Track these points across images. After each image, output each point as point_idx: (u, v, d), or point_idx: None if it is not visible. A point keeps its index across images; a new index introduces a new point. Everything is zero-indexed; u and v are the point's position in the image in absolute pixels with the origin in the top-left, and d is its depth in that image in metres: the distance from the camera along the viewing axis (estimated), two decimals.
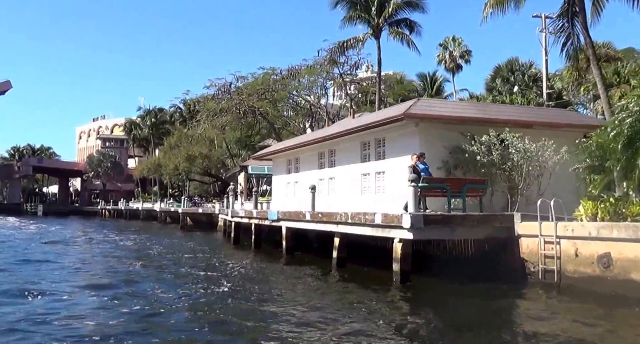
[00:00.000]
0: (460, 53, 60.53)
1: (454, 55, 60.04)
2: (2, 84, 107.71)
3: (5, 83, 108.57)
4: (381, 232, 16.48)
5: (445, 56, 60.07)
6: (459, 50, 60.55)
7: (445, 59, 60.06)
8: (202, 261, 22.89)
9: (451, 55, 59.90)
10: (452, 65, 59.98)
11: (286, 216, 23.35)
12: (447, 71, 61.28)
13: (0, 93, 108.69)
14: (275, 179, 35.16)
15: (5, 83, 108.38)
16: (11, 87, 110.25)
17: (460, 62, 60.80)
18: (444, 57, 60.25)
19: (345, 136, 24.32)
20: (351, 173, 24.88)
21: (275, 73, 48.91)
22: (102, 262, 22.98)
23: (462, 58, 60.76)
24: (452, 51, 60.06)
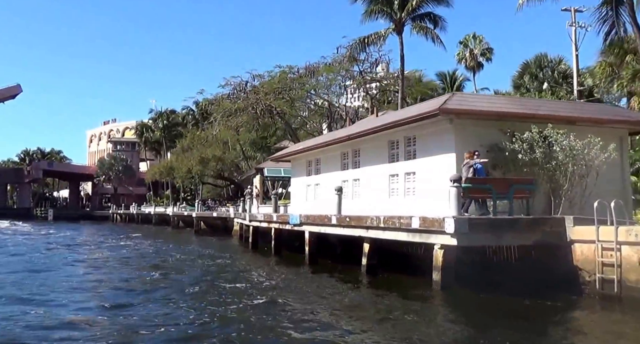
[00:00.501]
0: (481, 51, 59.32)
1: (474, 54, 58.80)
2: (13, 88, 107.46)
3: (16, 87, 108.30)
4: (419, 237, 15.08)
5: (465, 54, 58.81)
6: (480, 48, 59.27)
7: (465, 57, 58.77)
8: (224, 269, 21.43)
9: (472, 54, 58.65)
10: (473, 63, 58.76)
11: (309, 220, 21.95)
12: (467, 70, 60.07)
13: (11, 97, 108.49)
14: (294, 182, 33.78)
15: (15, 87, 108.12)
16: (21, 91, 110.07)
17: (481, 60, 59.59)
18: (464, 55, 58.99)
19: (371, 134, 22.90)
20: (377, 174, 23.47)
21: (293, 71, 47.44)
22: (118, 272, 21.24)
23: (483, 56, 59.61)
24: (472, 49, 58.80)
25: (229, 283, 17.00)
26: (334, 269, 20.10)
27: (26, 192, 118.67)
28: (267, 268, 21.71)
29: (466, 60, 59.16)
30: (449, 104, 18.14)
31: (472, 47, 59.52)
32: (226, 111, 48.08)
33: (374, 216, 17.05)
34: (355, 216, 18.58)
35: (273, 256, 25.87)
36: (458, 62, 59.71)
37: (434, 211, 17.52)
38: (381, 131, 22.04)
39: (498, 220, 14.50)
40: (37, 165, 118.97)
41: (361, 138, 24.12)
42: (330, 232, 20.45)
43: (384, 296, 15.03)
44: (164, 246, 34.03)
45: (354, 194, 25.81)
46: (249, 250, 30.03)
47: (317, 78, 46.44)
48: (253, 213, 31.19)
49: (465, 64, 59.49)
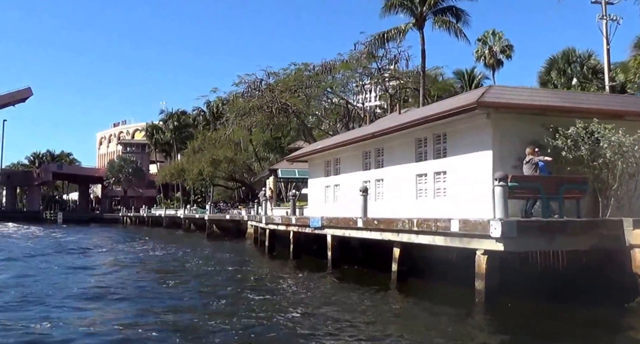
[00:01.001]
0: (501, 48, 57.48)
1: (494, 51, 57.18)
2: (23, 91, 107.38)
3: (26, 90, 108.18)
4: (458, 242, 13.70)
5: (484, 52, 57.17)
6: (500, 45, 57.44)
7: (484, 54, 57.21)
8: (247, 276, 20.06)
9: (491, 51, 57.04)
10: (492, 61, 57.02)
11: (332, 223, 20.60)
12: (486, 68, 58.29)
13: (22, 100, 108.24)
14: (312, 183, 32.44)
15: (26, 90, 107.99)
16: (32, 94, 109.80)
17: (501, 57, 57.93)
18: (483, 52, 57.37)
19: (397, 131, 21.50)
20: (403, 174, 22.10)
21: (308, 69, 45.98)
22: (136, 280, 19.30)
23: (502, 53, 57.60)
24: (492, 46, 57.13)
25: (256, 293, 15.40)
26: (360, 276, 18.80)
27: (36, 195, 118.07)
28: (289, 274, 20.39)
29: (485, 57, 57.46)
30: (487, 97, 16.76)
31: (492, 44, 57.68)
32: (240, 109, 46.58)
33: (406, 219, 15.69)
34: (385, 218, 17.22)
35: (292, 261, 24.56)
36: (477, 60, 57.93)
37: (469, 213, 16.18)
38: (409, 128, 20.66)
39: (550, 223, 13.06)
40: (47, 167, 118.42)
41: (385, 136, 22.77)
42: (355, 236, 19.08)
43: (422, 306, 13.70)
44: (178, 250, 32.65)
45: (377, 195, 24.47)
46: (265, 254, 28.75)
47: (333, 75, 44.97)
48: (270, 216, 29.85)
49: (484, 62, 57.73)
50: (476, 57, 57.46)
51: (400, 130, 21.12)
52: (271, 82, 45.95)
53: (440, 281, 15.93)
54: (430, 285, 16.12)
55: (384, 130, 22.26)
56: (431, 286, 16.07)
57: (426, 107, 23.88)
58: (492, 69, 57.68)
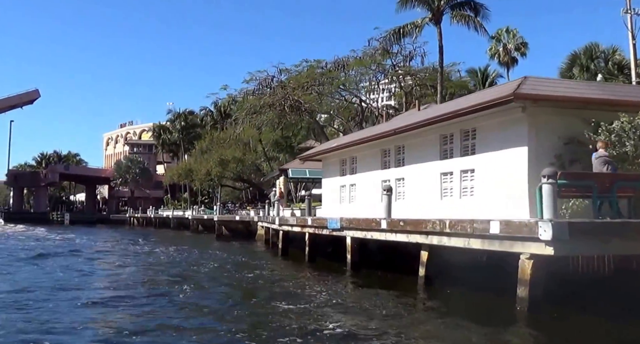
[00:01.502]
0: (515, 45, 56.25)
1: (508, 48, 56.02)
2: (31, 93, 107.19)
3: (34, 92, 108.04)
4: (498, 245, 12.43)
5: (498, 49, 56.01)
6: (514, 42, 56.25)
7: (498, 52, 56.03)
8: (267, 282, 18.45)
9: (505, 49, 55.88)
10: (507, 59, 55.88)
11: (353, 224, 19.32)
12: (500, 66, 57.05)
13: (29, 102, 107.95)
14: (326, 183, 31.26)
15: (33, 92, 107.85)
16: (39, 96, 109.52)
17: (515, 55, 56.71)
18: (497, 50, 56.21)
19: (421, 127, 20.29)
20: (426, 173, 20.91)
21: (321, 66, 44.62)
22: (149, 288, 17.00)
23: (517, 51, 56.42)
24: (506, 44, 56.00)
25: (281, 301, 13.80)
26: (383, 281, 17.53)
27: (43, 196, 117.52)
28: (309, 279, 18.93)
29: (499, 55, 56.40)
30: (524, 88, 15.51)
31: (506, 41, 56.71)
32: (251, 107, 45.26)
33: (437, 220, 14.44)
34: (412, 219, 15.97)
35: (307, 264, 23.28)
36: (490, 58, 56.75)
37: (500, 214, 15.10)
38: (435, 123, 19.44)
39: (605, 225, 11.75)
40: (54, 168, 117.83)
41: (408, 133, 21.56)
42: (378, 238, 17.80)
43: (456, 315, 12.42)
44: (190, 252, 31.31)
45: (398, 195, 23.25)
46: (278, 257, 27.45)
47: (347, 72, 43.66)
48: (284, 216, 28.66)
49: (499, 60, 56.67)
50: (490, 55, 56.32)
51: (425, 126, 19.91)
52: (283, 79, 44.57)
53: (469, 287, 14.71)
54: (460, 291, 14.88)
55: (407, 126, 21.04)
56: (461, 292, 14.83)
57: (452, 102, 22.60)
58: (507, 67, 56.56)
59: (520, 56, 56.57)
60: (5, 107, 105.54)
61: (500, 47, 55.48)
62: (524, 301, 11.83)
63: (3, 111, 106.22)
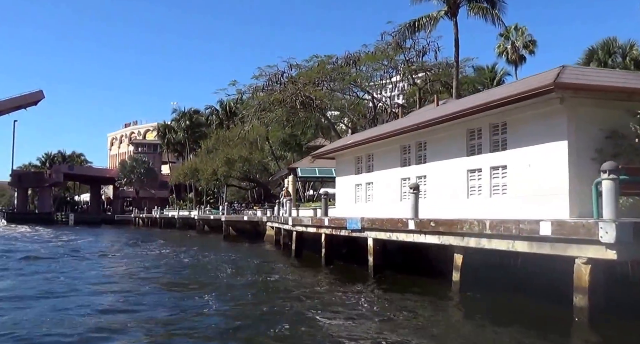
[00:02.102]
0: (523, 43, 55.12)
1: (516, 46, 54.97)
2: (35, 94, 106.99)
3: (38, 93, 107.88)
4: (549, 248, 11.22)
5: (506, 47, 54.98)
6: (523, 40, 55.09)
7: (506, 50, 54.98)
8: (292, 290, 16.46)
9: (513, 46, 54.81)
10: (515, 56, 54.84)
11: (375, 225, 18.08)
12: (508, 64, 56.00)
13: (33, 103, 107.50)
14: (340, 181, 30.04)
15: (37, 93, 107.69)
16: (43, 97, 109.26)
17: (523, 53, 55.56)
18: (505, 48, 55.17)
19: (446, 122, 19.08)
20: (451, 170, 19.69)
21: (332, 61, 43.23)
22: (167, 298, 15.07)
23: (525, 48, 55.32)
24: (514, 41, 54.91)
25: (319, 312, 12.61)
26: (410, 286, 16.25)
27: (47, 196, 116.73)
28: (333, 284, 17.52)
29: (507, 53, 55.39)
30: (564, 77, 14.27)
31: (514, 39, 55.66)
32: (261, 103, 43.88)
33: (475, 220, 13.22)
34: (445, 219, 14.74)
35: (325, 267, 22.03)
36: (498, 56, 55.77)
37: (537, 213, 13.86)
38: (461, 118, 18.24)
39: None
40: (58, 168, 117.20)
41: (430, 128, 20.35)
42: (404, 239, 16.55)
43: (505, 327, 11.19)
44: (199, 254, 29.87)
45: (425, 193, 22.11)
46: (292, 259, 26.23)
47: (359, 68, 42.32)
48: (298, 217, 27.46)
49: (507, 58, 55.65)
50: (498, 52, 55.36)
51: (451, 120, 18.68)
52: (293, 75, 43.21)
53: (511, 293, 13.48)
54: (502, 298, 13.62)
55: (432, 120, 19.79)
56: (505, 298, 13.56)
57: (481, 94, 21.32)
58: (515, 65, 55.58)
59: (529, 54, 55.59)
60: (9, 109, 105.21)
61: (509, 44, 54.59)
62: (583, 310, 10.64)
63: (7, 112, 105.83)
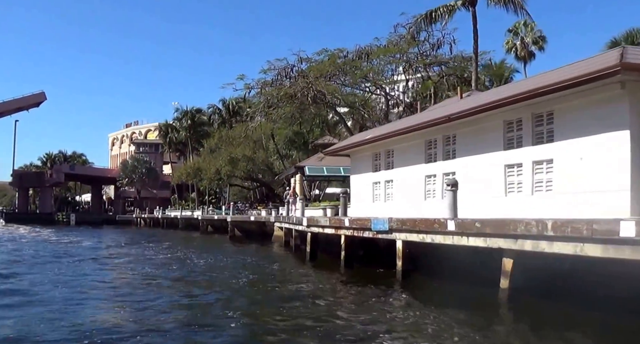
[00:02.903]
0: (533, 39, 54.15)
1: (525, 42, 53.75)
2: (37, 96, 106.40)
3: (40, 95, 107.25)
4: (629, 253, 9.52)
5: (515, 43, 53.95)
6: (532, 36, 54.07)
7: (515, 46, 53.86)
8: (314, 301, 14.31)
9: (523, 42, 53.65)
10: (524, 53, 53.78)
11: (407, 226, 16.33)
12: (517, 60, 55.04)
13: (35, 105, 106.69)
14: (355, 179, 28.35)
15: (39, 95, 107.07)
16: (46, 99, 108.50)
17: (532, 49, 54.51)
18: (514, 44, 54.23)
19: (481, 112, 17.42)
20: (485, 165, 18.05)
21: (342, 54, 41.37)
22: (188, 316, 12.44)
23: (535, 44, 54.47)
24: (523, 37, 53.78)
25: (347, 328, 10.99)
26: (446, 294, 14.59)
27: (48, 196, 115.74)
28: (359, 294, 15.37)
29: (516, 49, 54.27)
30: (630, 58, 12.59)
31: (523, 35, 54.66)
32: (269, 99, 42.01)
33: (533, 220, 11.52)
34: (493, 219, 13.06)
35: (345, 271, 20.26)
36: (507, 52, 54.86)
37: (590, 212, 12.48)
38: (499, 108, 16.56)
39: None
40: (59, 168, 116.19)
41: (461, 120, 18.68)
42: (441, 242, 14.82)
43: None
44: (213, 258, 27.53)
45: (445, 192, 20.42)
46: (306, 262, 24.43)
47: (371, 61, 40.51)
48: (313, 217, 25.79)
49: (515, 54, 54.54)
50: (506, 49, 54.53)
51: (488, 110, 17.00)
52: (304, 68, 41.36)
53: (573, 303, 11.80)
54: (567, 309, 11.91)
55: (466, 111, 18.05)
56: (570, 310, 11.86)
57: (520, 82, 19.54)
58: (524, 62, 54.61)
59: (538, 50, 54.75)
60: (11, 110, 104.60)
61: (518, 41, 53.81)
62: None
63: (9, 113, 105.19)
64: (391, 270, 17.48)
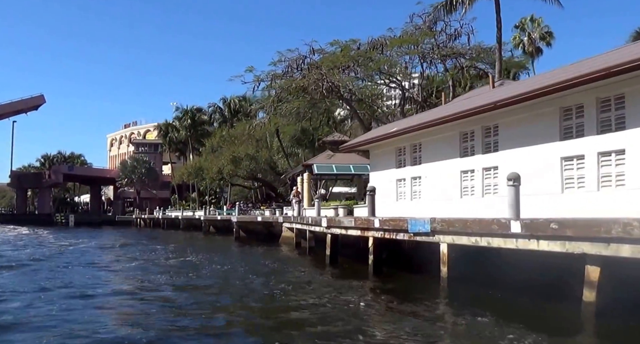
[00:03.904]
0: (540, 35, 53.59)
1: (533, 38, 52.64)
2: (36, 99, 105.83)
3: (39, 97, 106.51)
4: None
5: (522, 39, 53.11)
6: (539, 31, 53.54)
7: (522, 42, 52.85)
8: (353, 320, 11.69)
9: (530, 38, 52.51)
10: (532, 49, 52.79)
11: (455, 227, 14.13)
12: (525, 56, 53.86)
13: (34, 108, 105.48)
14: (375, 177, 26.30)
15: (39, 97, 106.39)
16: (44, 102, 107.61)
17: (540, 45, 53.94)
18: (521, 40, 53.66)
19: (530, 100, 15.38)
20: (536, 159, 16.02)
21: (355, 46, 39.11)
22: None
23: (542, 40, 53.92)
24: (530, 33, 52.66)
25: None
26: (514, 310, 12.43)
27: (47, 197, 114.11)
28: (405, 308, 13.01)
29: (523, 45, 53.38)
30: None
31: (530, 30, 53.95)
32: (278, 93, 39.62)
33: (635, 220, 9.41)
34: (576, 219, 10.96)
35: (374, 278, 18.07)
36: (514, 48, 53.73)
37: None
38: (554, 93, 14.51)
39: None
40: (58, 169, 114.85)
41: (506, 109, 16.63)
42: (500, 245, 12.63)
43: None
44: (228, 263, 24.54)
45: (486, 189, 18.40)
46: (326, 267, 22.04)
47: (385, 53, 38.33)
48: (335, 217, 23.71)
49: (523, 50, 53.62)
50: (513, 45, 53.49)
51: (539, 96, 14.96)
52: (317, 60, 39.04)
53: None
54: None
55: (512, 98, 15.97)
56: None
57: (572, 66, 17.45)
58: (532, 57, 53.59)
59: (546, 46, 54.18)
60: (9, 112, 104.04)
61: (525, 36, 53.20)
62: None
63: (7, 116, 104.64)
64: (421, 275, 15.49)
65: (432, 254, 15.53)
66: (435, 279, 15.12)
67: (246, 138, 63.65)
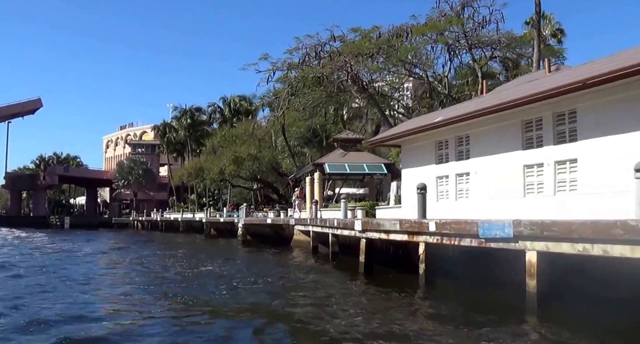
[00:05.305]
0: (551, 32, 51.98)
1: (544, 35, 50.56)
2: (33, 102, 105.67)
3: (36, 101, 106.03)
4: None
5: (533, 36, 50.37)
6: (551, 28, 51.88)
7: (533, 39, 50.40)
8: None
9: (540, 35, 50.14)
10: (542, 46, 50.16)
11: (552, 232, 11.22)
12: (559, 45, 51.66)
13: (31, 112, 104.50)
14: (407, 174, 23.54)
15: (36, 101, 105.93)
16: (42, 106, 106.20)
17: (551, 42, 51.65)
18: (532, 37, 50.57)
19: (621, 78, 12.62)
20: (624, 150, 13.27)
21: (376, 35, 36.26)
22: None
23: (554, 37, 52.29)
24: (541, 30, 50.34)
25: None
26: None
27: (42, 199, 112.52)
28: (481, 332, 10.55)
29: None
30: None
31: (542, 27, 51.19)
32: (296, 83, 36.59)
33: None
34: None
35: (427, 293, 15.21)
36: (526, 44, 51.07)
37: None
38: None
39: None
40: (53, 170, 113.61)
41: (584, 91, 13.81)
42: (624, 254, 9.71)
43: None
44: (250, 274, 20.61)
45: (558, 186, 15.62)
46: (359, 277, 18.77)
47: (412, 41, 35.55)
48: (372, 220, 20.86)
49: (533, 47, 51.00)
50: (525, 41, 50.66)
51: (621, 77, 12.25)
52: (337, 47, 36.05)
53: None
54: None
55: (595, 78, 13.12)
56: None
57: None
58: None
59: (557, 43, 52.30)
60: (6, 116, 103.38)
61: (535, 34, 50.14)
62: None
63: (4, 119, 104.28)
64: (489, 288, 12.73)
65: (507, 262, 12.79)
66: (512, 295, 12.33)
67: (248, 138, 62.07)
